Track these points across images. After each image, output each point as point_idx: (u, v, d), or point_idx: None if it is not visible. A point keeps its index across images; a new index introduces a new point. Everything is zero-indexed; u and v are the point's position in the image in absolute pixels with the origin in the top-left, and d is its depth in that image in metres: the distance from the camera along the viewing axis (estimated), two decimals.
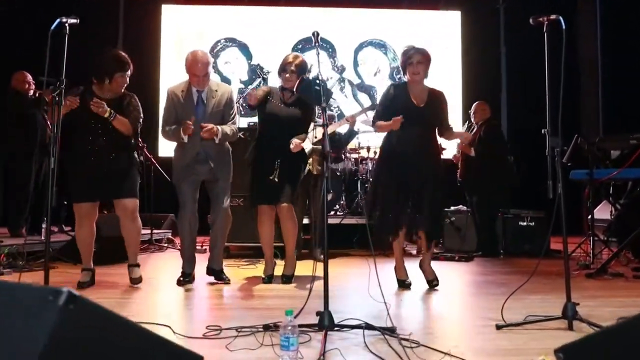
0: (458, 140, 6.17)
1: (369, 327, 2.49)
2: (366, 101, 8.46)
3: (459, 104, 8.49)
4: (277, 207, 4.10)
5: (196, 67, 3.87)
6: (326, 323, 2.44)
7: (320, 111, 2.96)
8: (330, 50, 8.81)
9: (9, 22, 7.59)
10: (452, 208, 6.20)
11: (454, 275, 4.65)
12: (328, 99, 3.59)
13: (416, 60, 3.81)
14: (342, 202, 6.63)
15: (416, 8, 9.04)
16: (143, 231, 4.44)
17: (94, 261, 4.96)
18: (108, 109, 3.67)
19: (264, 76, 6.29)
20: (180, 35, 8.67)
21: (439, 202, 3.88)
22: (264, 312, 3.00)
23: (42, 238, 5.34)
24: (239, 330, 2.53)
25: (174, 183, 4.02)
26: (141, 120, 3.95)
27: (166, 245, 6.62)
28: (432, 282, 3.89)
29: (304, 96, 3.68)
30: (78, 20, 2.83)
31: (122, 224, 3.93)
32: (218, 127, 3.86)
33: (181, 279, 4.00)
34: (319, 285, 2.70)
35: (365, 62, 8.87)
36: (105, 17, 8.48)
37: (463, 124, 6.67)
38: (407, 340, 2.35)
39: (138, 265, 3.98)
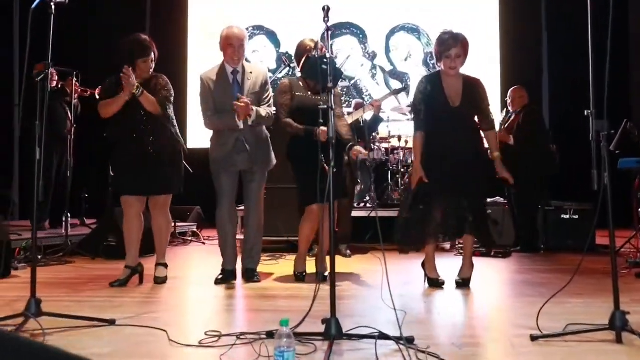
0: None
1: (382, 336, 2.20)
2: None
3: (497, 90, 8.01)
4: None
5: (232, 38, 3.74)
6: (333, 332, 2.16)
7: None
8: (361, 36, 8.47)
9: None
10: (489, 200, 5.81)
11: (489, 273, 4.29)
12: (337, 79, 3.26)
13: (454, 54, 3.46)
14: (372, 194, 6.32)
15: None
16: None
17: (110, 255, 4.82)
18: (136, 83, 3.52)
19: (291, 65, 6.01)
20: (207, 23, 8.47)
21: (483, 207, 3.66)
22: (272, 316, 2.74)
23: (63, 232, 5.25)
24: (238, 337, 2.30)
25: (213, 175, 3.81)
26: (172, 98, 3.74)
27: (190, 239, 6.46)
28: (462, 282, 3.59)
29: (309, 77, 3.36)
30: (67, 0, 2.60)
31: (152, 217, 3.80)
32: (253, 107, 3.67)
33: (220, 277, 3.77)
34: (341, 286, 2.40)
35: (398, 47, 8.47)
36: (132, 4, 8.42)
37: (501, 111, 6.24)
38: (424, 352, 2.06)
39: (165, 265, 3.81)
